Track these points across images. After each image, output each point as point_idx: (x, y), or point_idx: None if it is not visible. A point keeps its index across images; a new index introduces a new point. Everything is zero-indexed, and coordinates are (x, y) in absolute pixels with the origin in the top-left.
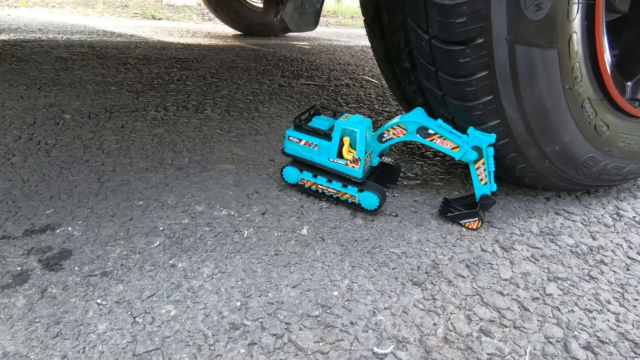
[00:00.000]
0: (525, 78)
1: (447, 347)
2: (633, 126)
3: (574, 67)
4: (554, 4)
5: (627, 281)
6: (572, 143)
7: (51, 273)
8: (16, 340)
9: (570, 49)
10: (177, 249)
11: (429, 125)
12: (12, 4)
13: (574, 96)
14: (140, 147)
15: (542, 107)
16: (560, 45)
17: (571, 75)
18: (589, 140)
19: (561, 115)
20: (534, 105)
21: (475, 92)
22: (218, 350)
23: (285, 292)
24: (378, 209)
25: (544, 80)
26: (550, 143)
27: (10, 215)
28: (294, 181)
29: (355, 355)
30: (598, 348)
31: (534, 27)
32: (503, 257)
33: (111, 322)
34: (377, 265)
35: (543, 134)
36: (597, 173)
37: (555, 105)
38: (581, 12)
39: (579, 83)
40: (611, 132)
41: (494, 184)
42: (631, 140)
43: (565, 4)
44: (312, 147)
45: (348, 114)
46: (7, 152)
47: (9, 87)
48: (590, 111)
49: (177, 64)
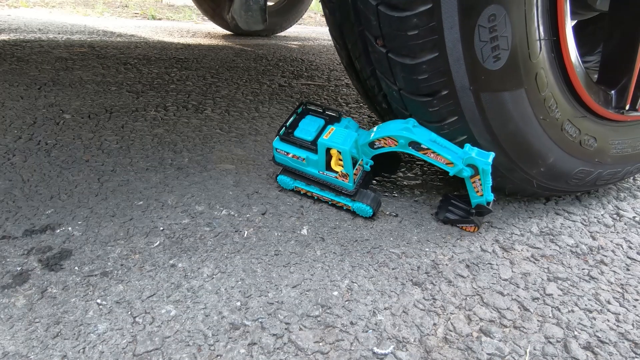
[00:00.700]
0: (496, 119)
1: (447, 347)
2: (623, 131)
3: (546, 97)
4: (512, 53)
5: (627, 281)
6: (558, 163)
7: (51, 273)
8: (16, 340)
9: (539, 84)
10: (177, 249)
11: (420, 141)
12: (12, 4)
13: (551, 123)
14: (140, 147)
15: (519, 141)
16: (527, 84)
17: (544, 107)
18: (576, 156)
19: (541, 142)
20: (510, 140)
21: (449, 134)
22: (218, 350)
23: (285, 292)
24: (374, 216)
25: (515, 118)
26: (534, 167)
27: (10, 215)
28: (289, 188)
29: (355, 355)
30: (598, 348)
31: (496, 76)
32: (503, 257)
33: (111, 322)
34: (377, 265)
35: (525, 161)
36: (591, 181)
37: (532, 136)
38: (546, 47)
39: (554, 110)
40: (599, 143)
41: (490, 195)
42: (624, 145)
43: (525, 48)
44: (300, 160)
45: (336, 117)
46: (7, 152)
47: (9, 87)
48: (573, 130)
49: (177, 64)
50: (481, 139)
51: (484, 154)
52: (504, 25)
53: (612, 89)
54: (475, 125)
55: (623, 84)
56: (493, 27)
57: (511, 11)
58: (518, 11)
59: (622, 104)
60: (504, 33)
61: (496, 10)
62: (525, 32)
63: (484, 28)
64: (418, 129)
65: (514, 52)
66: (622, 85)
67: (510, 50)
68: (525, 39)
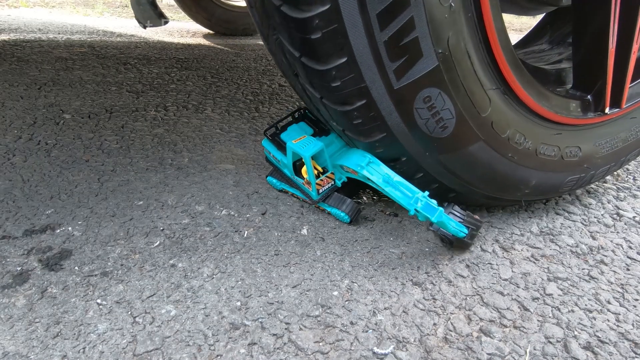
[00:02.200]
0: (464, 171)
1: (447, 347)
2: (609, 129)
3: (510, 136)
4: (459, 118)
5: (627, 281)
6: (543, 182)
7: (51, 273)
8: (16, 340)
9: (498, 130)
10: (177, 249)
11: (373, 180)
12: (12, 4)
13: (523, 154)
14: (140, 147)
15: (492, 180)
16: (484, 136)
17: (511, 145)
18: (561, 171)
19: (518, 174)
20: (482, 181)
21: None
22: (218, 350)
23: (285, 292)
24: (353, 222)
25: (482, 165)
26: (516, 193)
27: (10, 215)
28: (278, 188)
29: (355, 355)
30: (598, 348)
31: (449, 141)
32: (503, 257)
33: (111, 322)
34: (377, 265)
35: (504, 192)
36: (586, 181)
37: (506, 172)
38: (496, 94)
39: (523, 143)
40: (585, 149)
41: (461, 232)
42: (613, 142)
43: (471, 109)
44: (277, 161)
45: (326, 130)
46: (7, 152)
47: (9, 87)
48: (550, 150)
49: (177, 64)
50: (455, 185)
51: (430, 209)
52: (442, 101)
53: (589, 94)
54: (445, 178)
55: (598, 87)
56: (430, 105)
57: (445, 89)
58: (453, 85)
59: (601, 107)
60: (444, 107)
61: (429, 92)
62: (467, 98)
63: (422, 109)
64: (372, 166)
65: (460, 117)
66: (598, 88)
67: (456, 117)
68: (469, 102)
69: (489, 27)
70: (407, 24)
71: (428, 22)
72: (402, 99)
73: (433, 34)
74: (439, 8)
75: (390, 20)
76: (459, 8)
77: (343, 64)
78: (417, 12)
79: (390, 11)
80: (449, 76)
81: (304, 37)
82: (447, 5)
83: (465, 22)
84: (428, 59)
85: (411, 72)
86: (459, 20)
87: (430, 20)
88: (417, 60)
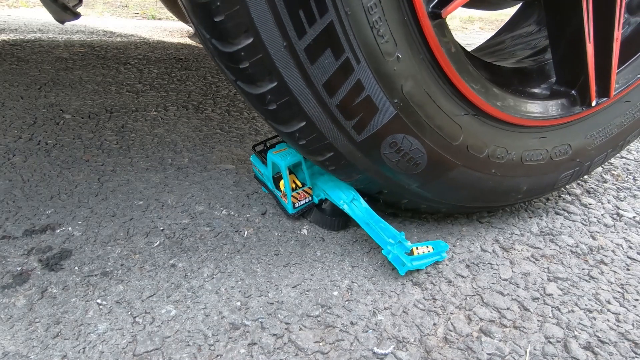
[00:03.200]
0: (448, 195)
1: (447, 347)
2: (600, 119)
3: (490, 154)
4: (430, 153)
5: (627, 281)
6: (535, 185)
7: (51, 273)
8: (16, 340)
9: (476, 150)
10: (177, 249)
11: (354, 218)
12: (12, 4)
13: (508, 166)
14: (140, 147)
15: (480, 197)
16: (462, 162)
17: (492, 162)
18: (553, 171)
19: (505, 185)
20: (469, 200)
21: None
22: (218, 350)
23: (285, 292)
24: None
25: (466, 186)
26: (510, 199)
27: (10, 215)
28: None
29: (355, 355)
30: (598, 348)
31: (426, 173)
32: (503, 257)
33: (111, 322)
34: (377, 265)
35: (495, 201)
36: (583, 172)
37: (493, 186)
38: (467, 119)
39: (505, 156)
40: (576, 145)
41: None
42: (607, 130)
43: (442, 142)
44: (261, 175)
45: None
46: (7, 152)
47: (9, 87)
48: (537, 154)
49: (177, 64)
50: (440, 205)
51: (398, 262)
52: (409, 143)
53: (573, 89)
54: (431, 201)
55: (582, 82)
56: (398, 149)
57: (409, 131)
58: (417, 126)
59: (588, 101)
60: (412, 148)
61: (394, 138)
62: (435, 133)
63: (390, 153)
64: (355, 204)
65: (431, 152)
66: (582, 83)
67: (426, 153)
68: (438, 136)
69: (445, 63)
70: (355, 86)
71: (377, 80)
72: (367, 148)
73: (385, 88)
74: (385, 64)
75: (337, 88)
76: (407, 56)
77: (303, 127)
78: (363, 74)
79: (334, 80)
80: (412, 120)
81: (264, 108)
82: (393, 58)
83: (418, 65)
84: (384, 111)
85: (370, 126)
86: (410, 66)
87: (378, 77)
88: (374, 114)
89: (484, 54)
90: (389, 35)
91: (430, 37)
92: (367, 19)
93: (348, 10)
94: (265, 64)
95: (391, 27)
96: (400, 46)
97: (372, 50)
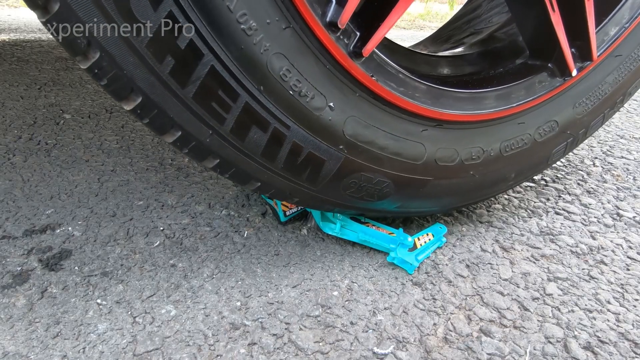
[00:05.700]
0: (431, 204)
1: (447, 347)
2: (589, 82)
3: (463, 159)
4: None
5: (627, 281)
6: (524, 169)
7: (51, 273)
8: (16, 340)
9: (446, 162)
10: (177, 249)
11: (353, 240)
12: (12, 4)
13: (488, 163)
14: (140, 147)
15: (466, 197)
16: (432, 175)
17: (467, 166)
18: (542, 151)
19: (489, 179)
20: (455, 202)
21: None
22: (218, 350)
23: (285, 292)
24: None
25: (446, 194)
26: (500, 188)
27: (10, 215)
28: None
29: (355, 355)
30: (598, 348)
31: (398, 196)
32: (503, 257)
33: (111, 322)
34: (377, 265)
35: (485, 195)
36: (578, 141)
37: (476, 185)
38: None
39: (482, 155)
40: (562, 119)
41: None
42: (598, 92)
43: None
44: None
45: None
46: (7, 152)
47: (9, 87)
48: (518, 141)
49: None
50: (430, 210)
51: (405, 263)
52: (369, 178)
53: (549, 62)
54: (418, 211)
55: (557, 54)
56: (359, 186)
57: (365, 169)
58: (373, 161)
59: (567, 71)
60: (374, 180)
61: (351, 179)
62: (394, 160)
63: (352, 191)
64: (347, 228)
65: (396, 178)
66: (557, 55)
67: (391, 180)
68: (399, 162)
69: (385, 93)
70: (294, 148)
71: (314, 136)
72: (328, 194)
73: (325, 140)
74: (317, 119)
75: (276, 154)
76: (341, 101)
77: (259, 187)
78: (297, 136)
79: (270, 149)
80: (363, 157)
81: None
82: (325, 109)
83: (356, 104)
84: (332, 160)
85: (322, 176)
86: (348, 109)
87: (314, 133)
88: (322, 165)
89: (461, 24)
90: (314, 91)
91: (361, 75)
92: (283, 85)
93: (261, 87)
94: (202, 150)
95: (313, 83)
96: (330, 96)
97: (298, 111)
